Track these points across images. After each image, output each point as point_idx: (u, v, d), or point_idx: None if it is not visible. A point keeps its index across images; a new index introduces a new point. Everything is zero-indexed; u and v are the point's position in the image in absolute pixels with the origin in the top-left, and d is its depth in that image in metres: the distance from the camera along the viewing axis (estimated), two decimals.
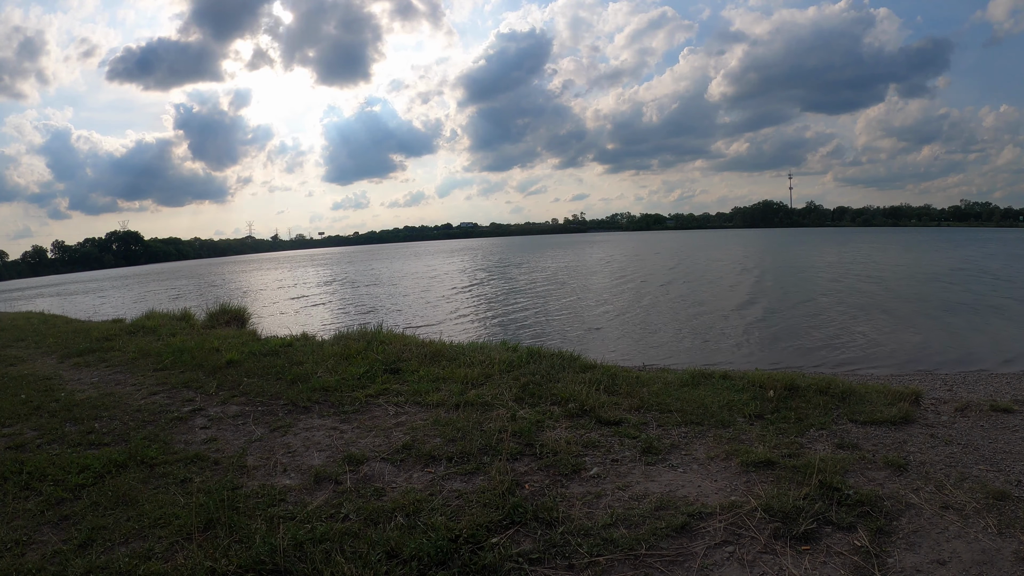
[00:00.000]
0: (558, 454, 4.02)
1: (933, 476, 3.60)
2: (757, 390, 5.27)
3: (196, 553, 2.89)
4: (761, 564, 2.78)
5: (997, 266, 26.89)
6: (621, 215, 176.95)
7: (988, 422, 4.60)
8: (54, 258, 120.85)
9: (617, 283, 24.79)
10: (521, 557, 2.85)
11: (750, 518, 3.13)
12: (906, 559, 2.78)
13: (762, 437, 4.24)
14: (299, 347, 7.73)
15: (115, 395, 5.97)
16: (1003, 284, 20.08)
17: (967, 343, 11.20)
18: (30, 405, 5.65)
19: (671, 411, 4.86)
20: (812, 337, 12.13)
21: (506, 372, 6.06)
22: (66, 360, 8.03)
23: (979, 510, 3.15)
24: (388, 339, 7.74)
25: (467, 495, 3.49)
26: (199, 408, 5.44)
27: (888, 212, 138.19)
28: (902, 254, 37.53)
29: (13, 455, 4.32)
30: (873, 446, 4.10)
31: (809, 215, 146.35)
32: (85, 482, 3.79)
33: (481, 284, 27.35)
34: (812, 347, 11.28)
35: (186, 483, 3.76)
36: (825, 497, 3.28)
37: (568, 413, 4.84)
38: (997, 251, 38.02)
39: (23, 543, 3.12)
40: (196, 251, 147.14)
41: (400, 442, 4.34)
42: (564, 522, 3.15)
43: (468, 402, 5.15)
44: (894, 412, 4.66)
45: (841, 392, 5.18)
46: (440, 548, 2.86)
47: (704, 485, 3.60)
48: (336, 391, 5.66)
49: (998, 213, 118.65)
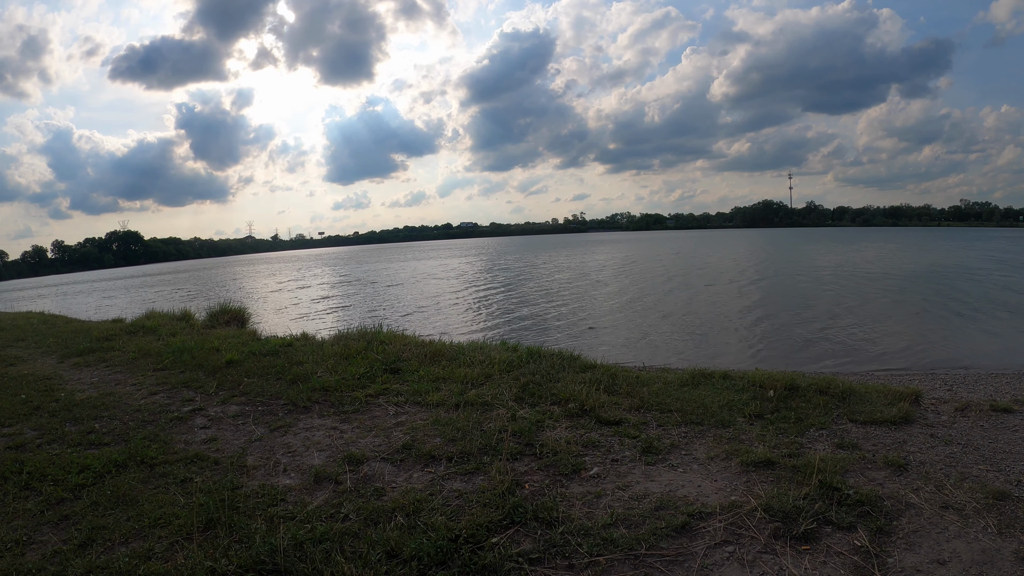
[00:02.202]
0: (558, 454, 4.02)
1: (933, 476, 3.60)
2: (757, 390, 5.27)
3: (196, 553, 2.89)
4: (761, 564, 2.79)
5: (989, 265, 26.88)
6: (621, 215, 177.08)
7: (988, 422, 4.60)
8: (54, 258, 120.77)
9: (617, 283, 24.79)
10: (521, 557, 2.85)
11: (750, 518, 3.13)
12: (906, 559, 2.78)
13: (762, 437, 4.25)
14: (299, 347, 7.73)
15: (115, 395, 5.97)
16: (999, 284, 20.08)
17: (968, 343, 11.20)
18: (30, 405, 5.64)
19: (671, 411, 4.86)
20: (812, 337, 12.12)
21: (506, 372, 6.06)
22: (66, 360, 8.03)
23: (979, 510, 3.16)
24: (388, 339, 7.74)
25: (467, 495, 3.49)
26: (199, 408, 5.44)
27: (888, 212, 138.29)
28: (914, 253, 37.20)
29: (13, 455, 4.32)
30: (873, 446, 4.11)
31: (809, 215, 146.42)
32: (85, 482, 3.79)
33: (482, 284, 27.36)
34: (812, 347, 11.28)
35: (186, 483, 3.76)
36: (825, 497, 3.28)
37: (568, 413, 4.84)
38: (1010, 247, 37.36)
39: (23, 543, 3.12)
40: (196, 251, 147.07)
41: (400, 442, 4.34)
42: (564, 522, 3.15)
43: (468, 402, 5.15)
44: (894, 412, 4.66)
45: (841, 392, 5.18)
46: (440, 548, 2.86)
47: (704, 485, 3.60)
48: (336, 391, 5.66)
49: (998, 213, 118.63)
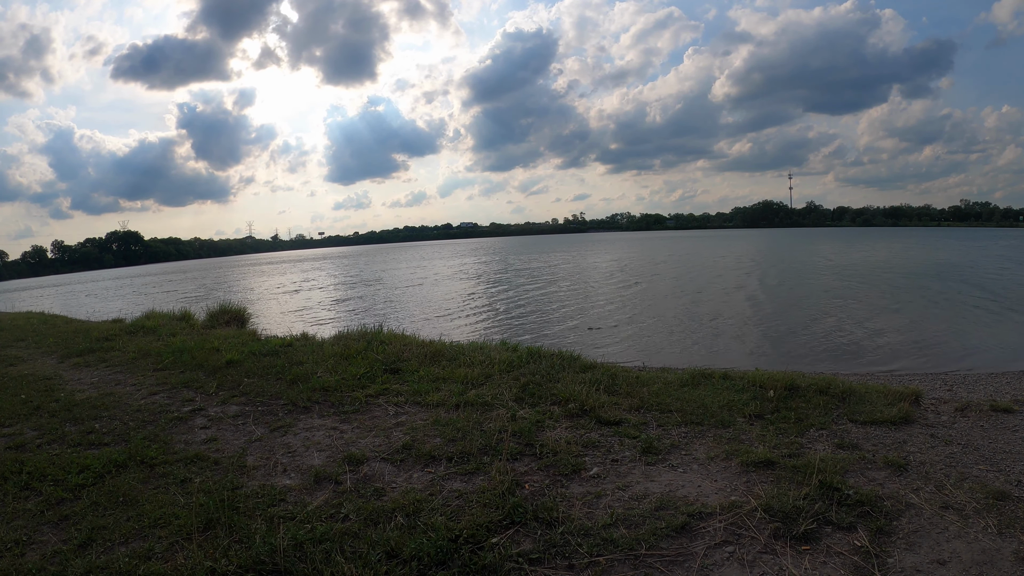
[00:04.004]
0: (558, 454, 4.02)
1: (933, 476, 3.60)
2: (757, 390, 5.27)
3: (196, 553, 2.89)
4: (761, 564, 2.78)
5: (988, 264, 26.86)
6: (621, 215, 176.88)
7: (988, 422, 4.60)
8: (54, 258, 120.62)
9: (619, 283, 24.78)
10: (521, 557, 2.85)
11: (750, 518, 3.13)
12: (906, 559, 2.78)
13: (762, 437, 4.25)
14: (299, 347, 7.73)
15: (115, 395, 5.97)
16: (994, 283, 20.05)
17: (968, 342, 11.20)
18: (30, 405, 5.65)
19: (671, 411, 4.86)
20: (812, 337, 12.12)
21: (506, 372, 6.06)
22: (66, 360, 8.03)
23: (979, 510, 3.16)
24: (388, 339, 7.74)
25: (467, 495, 3.49)
26: (199, 408, 5.44)
27: (888, 212, 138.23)
28: (919, 253, 36.95)
29: (13, 455, 4.32)
30: (873, 446, 4.11)
31: (809, 215, 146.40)
32: (85, 482, 3.80)
33: (482, 285, 27.34)
34: (812, 347, 11.27)
35: (186, 483, 3.76)
36: (825, 497, 3.28)
37: (568, 413, 4.84)
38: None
39: (23, 543, 3.12)
40: (196, 251, 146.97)
41: (400, 442, 4.34)
42: (564, 522, 3.15)
43: (468, 402, 5.15)
44: (894, 412, 4.66)
45: (841, 392, 5.18)
46: (440, 548, 2.86)
47: (704, 485, 3.60)
48: (336, 391, 5.66)
49: (998, 213, 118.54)
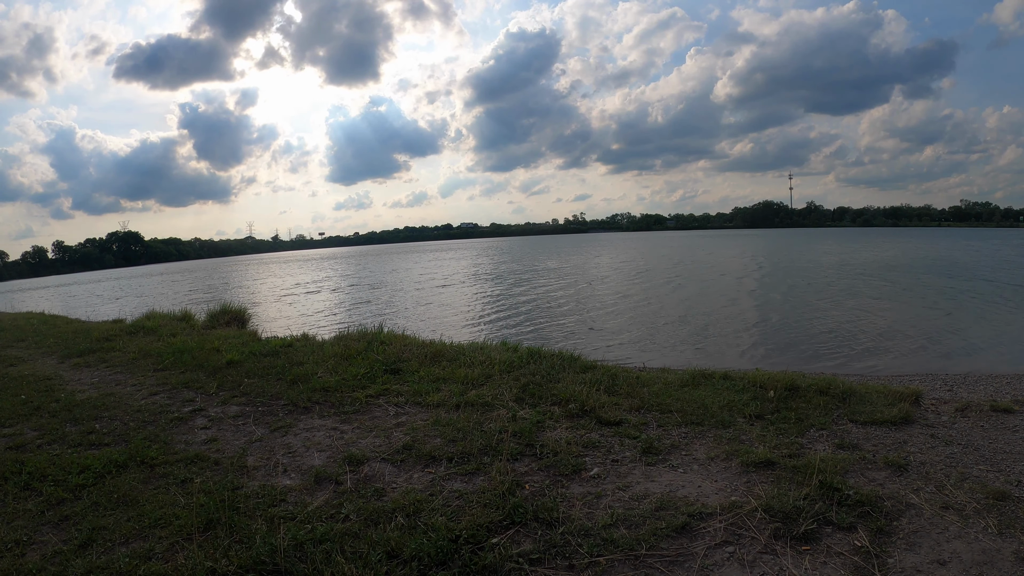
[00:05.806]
0: (558, 454, 4.02)
1: (933, 476, 3.60)
2: (757, 390, 5.27)
3: (196, 553, 2.89)
4: (761, 564, 2.78)
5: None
6: (621, 215, 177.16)
7: (988, 422, 4.59)
8: (54, 258, 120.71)
9: (619, 282, 24.78)
10: (521, 557, 2.85)
11: (750, 518, 3.13)
12: (906, 559, 2.78)
13: (762, 437, 4.24)
14: (299, 347, 7.74)
15: (115, 395, 5.97)
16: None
17: (969, 342, 11.20)
18: (30, 405, 5.65)
19: (671, 411, 4.86)
20: (812, 337, 12.12)
21: (506, 372, 6.06)
22: (66, 360, 8.03)
23: (979, 510, 3.15)
24: (388, 339, 7.74)
25: (467, 495, 3.49)
26: (199, 408, 5.44)
27: (888, 212, 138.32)
28: (925, 252, 36.72)
29: (13, 455, 4.32)
30: (873, 446, 4.10)
31: (809, 215, 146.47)
32: (85, 482, 3.80)
33: (483, 284, 27.33)
34: (812, 347, 11.27)
35: (186, 483, 3.76)
36: (825, 497, 3.28)
37: (568, 413, 4.84)
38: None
39: (23, 543, 3.12)
40: (196, 251, 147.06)
41: (400, 442, 4.34)
42: (564, 522, 3.15)
43: (468, 402, 5.15)
44: (894, 412, 4.66)
45: (841, 392, 5.18)
46: (440, 548, 2.86)
47: (704, 485, 3.60)
48: (336, 391, 5.66)
49: (998, 213, 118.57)
